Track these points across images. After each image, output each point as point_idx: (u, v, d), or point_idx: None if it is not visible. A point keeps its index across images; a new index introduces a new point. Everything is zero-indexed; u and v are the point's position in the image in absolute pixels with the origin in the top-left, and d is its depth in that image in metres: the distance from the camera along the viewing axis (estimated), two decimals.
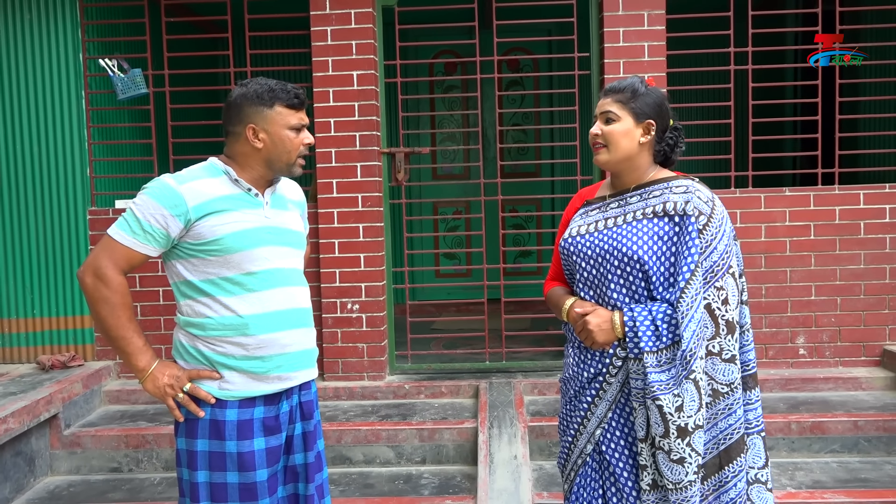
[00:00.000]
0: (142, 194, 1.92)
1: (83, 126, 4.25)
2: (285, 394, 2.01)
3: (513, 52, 6.35)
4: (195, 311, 1.95)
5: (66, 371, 4.07)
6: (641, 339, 1.83)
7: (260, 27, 4.49)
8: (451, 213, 6.52)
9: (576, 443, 2.01)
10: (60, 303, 4.28)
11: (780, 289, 4.10)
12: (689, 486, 1.78)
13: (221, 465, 1.92)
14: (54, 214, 4.26)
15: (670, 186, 1.91)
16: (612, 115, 1.93)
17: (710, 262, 1.82)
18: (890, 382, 3.98)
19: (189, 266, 1.94)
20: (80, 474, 3.66)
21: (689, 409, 1.78)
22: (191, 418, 1.95)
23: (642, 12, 4.02)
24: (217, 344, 1.94)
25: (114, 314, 1.90)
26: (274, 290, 1.97)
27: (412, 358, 4.38)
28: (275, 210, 2.03)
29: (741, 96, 4.44)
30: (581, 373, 1.98)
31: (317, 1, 4.06)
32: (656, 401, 1.79)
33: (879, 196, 4.09)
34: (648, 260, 1.85)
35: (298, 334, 2.02)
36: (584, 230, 1.98)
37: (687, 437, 1.78)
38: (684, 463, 1.78)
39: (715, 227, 1.85)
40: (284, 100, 1.95)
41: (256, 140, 1.96)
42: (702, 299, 1.80)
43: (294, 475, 2.05)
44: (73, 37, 4.23)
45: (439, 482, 3.43)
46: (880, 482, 3.26)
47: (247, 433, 1.93)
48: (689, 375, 1.78)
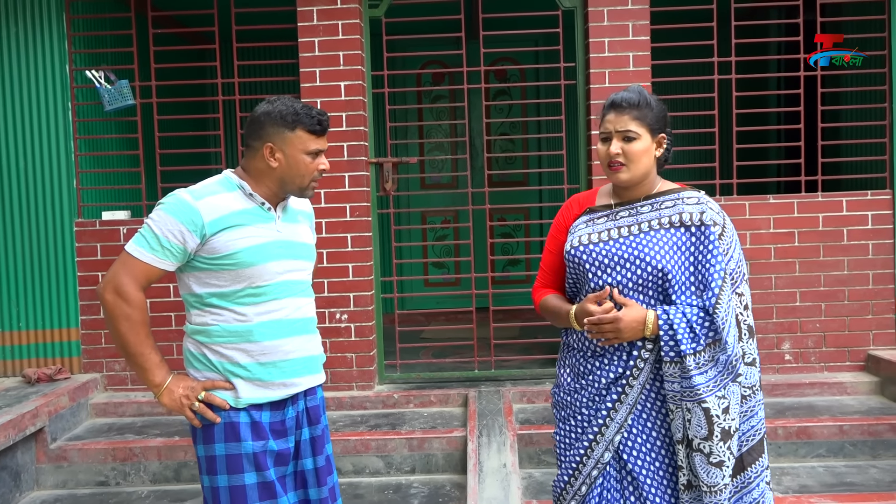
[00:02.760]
0: (158, 210, 1.95)
1: (70, 137, 4.24)
2: (291, 400, 2.05)
3: (500, 62, 6.40)
4: (203, 320, 1.99)
5: (53, 384, 4.03)
6: (681, 342, 1.83)
7: (248, 38, 4.50)
8: (440, 223, 6.53)
9: (590, 454, 1.96)
10: (47, 315, 4.25)
11: (765, 295, 4.14)
12: (723, 489, 1.81)
13: (238, 466, 1.96)
14: (40, 226, 4.23)
15: (682, 197, 1.93)
16: (632, 133, 1.89)
17: (730, 269, 1.87)
18: (874, 387, 4.02)
19: (201, 277, 1.97)
20: (66, 489, 3.62)
21: (733, 412, 1.83)
22: (207, 424, 1.99)
23: (627, 23, 4.06)
24: (223, 350, 1.98)
25: (133, 330, 1.93)
26: (281, 301, 2.01)
27: (401, 367, 4.38)
28: (286, 223, 2.07)
29: (725, 105, 4.49)
30: (599, 379, 1.94)
31: (304, 12, 4.08)
32: (703, 403, 1.81)
33: (862, 203, 4.14)
34: (672, 269, 1.87)
35: (302, 341, 2.06)
36: (595, 238, 1.96)
37: (728, 440, 1.82)
38: (723, 466, 1.82)
39: (729, 237, 1.90)
40: (307, 125, 1.97)
41: (272, 159, 1.98)
42: (734, 305, 1.85)
43: (303, 481, 2.08)
44: (59, 48, 4.22)
45: (429, 492, 3.42)
46: (866, 486, 3.29)
47: (261, 434, 1.98)
48: (736, 378, 1.83)
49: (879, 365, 4.03)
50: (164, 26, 4.81)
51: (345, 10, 4.06)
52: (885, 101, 4.22)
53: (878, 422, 3.60)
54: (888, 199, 4.15)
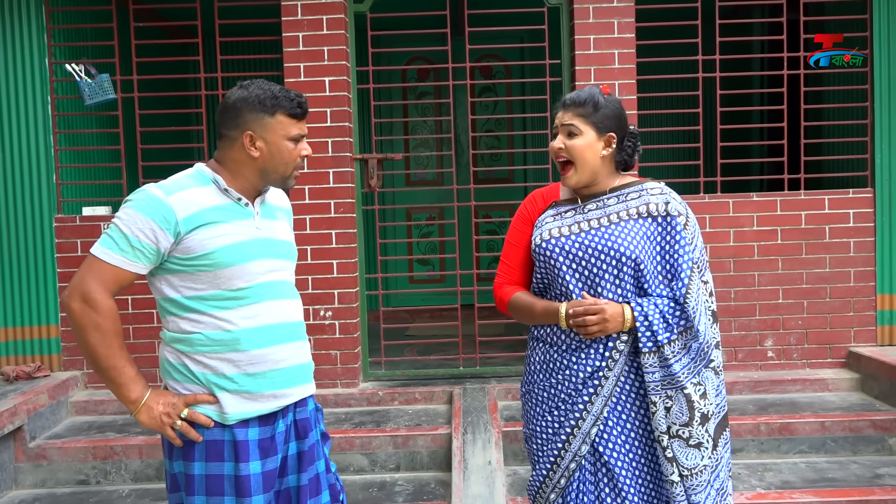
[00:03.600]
0: (126, 208, 1.78)
1: (49, 132, 4.17)
2: (281, 412, 1.89)
3: (485, 58, 6.39)
4: (181, 328, 1.83)
5: (32, 382, 3.98)
6: (658, 333, 1.89)
7: (231, 33, 4.45)
8: (425, 219, 6.52)
9: (568, 447, 1.98)
10: (25, 312, 4.19)
11: (748, 292, 4.16)
12: (703, 470, 1.89)
13: (219, 489, 1.81)
14: (19, 222, 4.17)
15: (645, 188, 1.99)
16: (574, 128, 1.96)
17: (695, 258, 1.93)
18: (855, 383, 4.06)
19: (175, 281, 1.82)
20: (45, 487, 3.57)
21: (710, 396, 1.92)
22: (188, 440, 1.84)
23: (612, 20, 4.07)
24: (206, 360, 1.82)
25: (104, 342, 1.76)
26: (266, 304, 1.86)
27: (386, 364, 4.37)
28: (265, 220, 1.91)
29: (709, 103, 4.51)
30: (577, 373, 1.96)
31: (288, 7, 4.05)
32: (684, 390, 1.89)
33: (843, 201, 4.18)
34: (644, 258, 1.92)
35: (292, 349, 1.91)
36: (566, 231, 1.99)
37: (706, 423, 1.90)
38: (701, 447, 1.89)
39: (693, 226, 1.96)
40: (287, 108, 1.83)
41: (253, 148, 1.84)
42: (702, 293, 1.92)
43: (287, 499, 1.91)
44: (38, 41, 4.16)
45: (413, 489, 3.41)
46: (847, 481, 3.32)
47: (243, 455, 1.81)
48: (709, 364, 1.93)
49: (860, 362, 4.08)
50: (145, 20, 4.75)
51: (329, 4, 4.03)
52: (867, 100, 4.25)
53: (858, 418, 3.64)
54: (869, 197, 4.19)
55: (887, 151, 4.20)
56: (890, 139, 4.20)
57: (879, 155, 4.20)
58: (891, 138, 4.20)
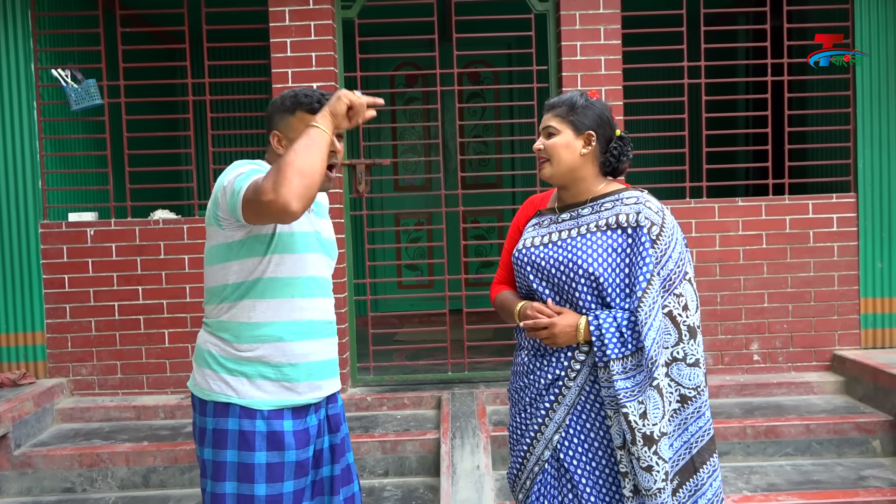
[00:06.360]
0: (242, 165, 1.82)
1: (35, 137, 4.15)
2: (314, 406, 1.98)
3: (473, 64, 6.41)
4: (230, 314, 1.91)
5: (17, 389, 3.94)
6: (608, 346, 1.85)
7: (218, 38, 4.45)
8: (413, 225, 6.52)
9: (532, 451, 2.01)
10: (10, 319, 4.15)
11: (734, 296, 4.20)
12: (658, 493, 1.81)
13: (250, 476, 1.87)
14: (4, 227, 4.13)
15: (621, 198, 1.96)
16: (552, 129, 1.98)
17: (666, 270, 1.88)
18: (840, 386, 4.10)
19: (235, 267, 1.89)
20: (31, 496, 3.54)
21: (653, 417, 1.82)
22: (219, 429, 1.89)
23: (599, 27, 4.10)
24: (250, 350, 1.90)
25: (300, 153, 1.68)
26: (313, 300, 1.96)
27: (374, 370, 4.36)
28: (318, 218, 2.01)
29: (695, 109, 4.55)
30: (538, 379, 1.99)
31: (276, 12, 4.05)
32: (622, 409, 1.83)
33: (827, 206, 4.23)
34: (602, 273, 1.89)
35: (326, 343, 2.01)
36: (538, 241, 2.01)
37: (653, 446, 1.81)
38: (652, 471, 1.81)
39: (667, 237, 1.89)
40: (306, 105, 1.90)
41: (280, 147, 1.92)
42: (660, 307, 1.85)
43: (321, 489, 2.02)
44: (24, 46, 4.13)
45: (402, 494, 3.41)
46: (832, 483, 3.35)
47: (277, 444, 1.89)
48: (652, 383, 1.82)
49: (844, 365, 4.12)
50: (132, 25, 4.73)
51: (317, 10, 4.04)
52: (849, 106, 4.31)
53: (843, 420, 3.67)
54: (852, 202, 4.24)
55: (869, 156, 4.25)
56: (872, 144, 4.25)
57: (862, 160, 4.25)
58: (873, 143, 4.25)
